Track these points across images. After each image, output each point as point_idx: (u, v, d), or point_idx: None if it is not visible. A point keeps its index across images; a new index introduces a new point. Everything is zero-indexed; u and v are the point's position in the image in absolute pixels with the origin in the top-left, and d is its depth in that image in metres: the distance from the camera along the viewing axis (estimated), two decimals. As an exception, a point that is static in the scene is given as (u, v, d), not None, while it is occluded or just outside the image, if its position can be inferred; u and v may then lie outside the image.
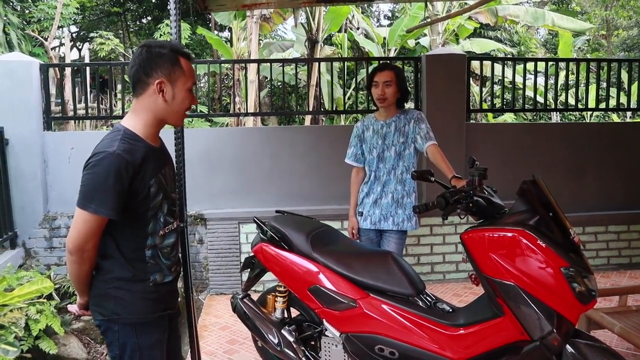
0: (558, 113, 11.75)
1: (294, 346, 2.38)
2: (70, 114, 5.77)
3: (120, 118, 1.74)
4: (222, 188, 4.59)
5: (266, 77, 10.33)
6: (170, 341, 1.85)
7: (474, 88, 10.89)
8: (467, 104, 4.75)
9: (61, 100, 5.85)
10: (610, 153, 4.96)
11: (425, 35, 12.48)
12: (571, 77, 5.11)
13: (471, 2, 8.37)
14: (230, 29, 11.29)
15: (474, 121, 7.65)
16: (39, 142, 4.37)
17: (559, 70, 5.88)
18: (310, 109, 8.74)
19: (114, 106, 5.83)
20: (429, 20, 10.18)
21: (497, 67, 6.09)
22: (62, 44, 12.43)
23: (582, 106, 5.62)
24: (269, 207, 4.26)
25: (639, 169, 4.99)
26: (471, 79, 6.73)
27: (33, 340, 2.85)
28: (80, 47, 14.62)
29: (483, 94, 11.73)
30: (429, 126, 2.97)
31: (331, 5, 8.23)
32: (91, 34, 12.87)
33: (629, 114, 10.44)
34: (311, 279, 2.30)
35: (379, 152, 3.03)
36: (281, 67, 5.24)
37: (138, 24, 15.49)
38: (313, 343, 2.49)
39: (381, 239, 3.09)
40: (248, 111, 8.37)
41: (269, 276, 2.77)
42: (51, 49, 9.09)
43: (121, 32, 14.76)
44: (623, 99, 5.70)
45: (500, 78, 5.18)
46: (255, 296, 2.73)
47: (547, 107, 6.24)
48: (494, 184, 2.17)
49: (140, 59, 1.63)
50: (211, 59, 12.59)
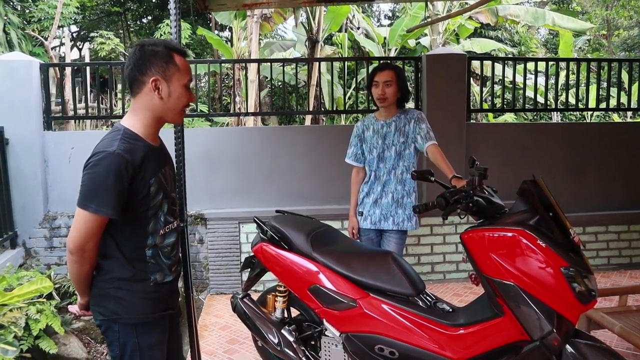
0: (558, 113, 11.75)
1: (294, 346, 2.38)
2: (71, 113, 5.77)
3: (120, 118, 1.74)
4: (222, 188, 4.59)
5: (266, 77, 10.33)
6: (171, 341, 1.85)
7: (475, 88, 10.88)
8: (467, 103, 4.75)
9: (61, 100, 5.85)
10: (610, 153, 4.95)
11: (425, 35, 12.49)
12: (572, 77, 5.10)
13: (472, 2, 8.38)
14: (231, 29, 11.30)
15: (474, 121, 7.65)
16: (39, 141, 4.37)
17: (559, 70, 5.87)
18: (311, 109, 8.71)
19: (114, 106, 5.83)
20: (429, 20, 10.18)
21: (498, 66, 6.09)
22: (62, 44, 12.44)
23: (582, 106, 5.62)
24: (269, 207, 4.26)
25: (639, 169, 4.99)
26: (472, 78, 6.73)
27: (33, 340, 2.85)
28: (81, 46, 14.62)
29: (483, 94, 11.74)
30: (429, 126, 2.97)
31: (331, 4, 8.22)
32: (91, 34, 12.88)
33: (630, 113, 10.44)
34: (311, 278, 2.30)
35: (379, 151, 3.03)
36: (281, 67, 5.25)
37: (138, 23, 15.49)
38: (313, 343, 2.49)
39: (381, 239, 3.09)
40: (248, 111, 8.36)
41: (269, 276, 2.77)
42: (51, 48, 9.09)
43: (121, 31, 14.76)
44: (624, 99, 5.70)
45: (500, 78, 5.18)
46: (255, 296, 2.73)
47: (548, 107, 6.23)
48: (494, 184, 2.17)
49: (134, 58, 1.63)
50: (211, 58, 12.60)
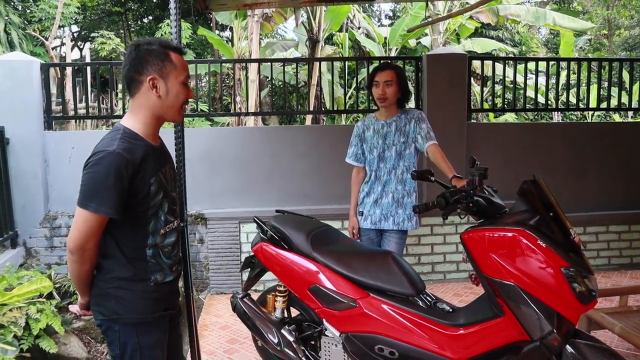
0: (559, 113, 11.74)
1: (294, 346, 2.38)
2: (71, 113, 5.77)
3: (121, 118, 1.74)
4: (222, 187, 4.59)
5: (267, 77, 10.33)
6: (171, 341, 1.85)
7: (475, 88, 10.88)
8: (468, 103, 4.74)
9: (62, 100, 5.84)
10: (611, 153, 4.95)
11: (426, 34, 12.49)
12: (572, 77, 5.09)
13: (472, 2, 8.37)
14: (232, 29, 11.30)
15: (474, 121, 7.65)
16: (39, 141, 4.38)
17: (560, 69, 5.86)
18: (311, 109, 8.73)
19: (115, 106, 5.84)
20: (430, 19, 10.18)
21: (499, 66, 6.07)
22: (63, 44, 12.44)
23: (583, 106, 5.63)
24: (269, 206, 4.26)
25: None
26: (472, 78, 6.72)
27: (33, 339, 2.85)
28: (82, 46, 14.63)
29: (484, 94, 11.73)
30: (429, 126, 2.97)
31: (331, 4, 8.22)
32: (92, 34, 12.90)
33: (630, 113, 10.43)
34: (311, 278, 2.30)
35: (379, 151, 3.02)
36: (282, 67, 5.25)
37: (139, 23, 15.50)
38: (313, 343, 2.49)
39: (381, 239, 3.08)
40: (249, 111, 8.36)
41: (269, 276, 2.77)
42: (52, 48, 9.10)
43: (122, 31, 14.77)
44: (624, 98, 5.69)
45: (501, 78, 5.17)
46: (255, 296, 2.73)
47: (549, 107, 6.24)
48: (495, 184, 2.16)
49: (131, 58, 1.64)
50: (212, 58, 12.60)
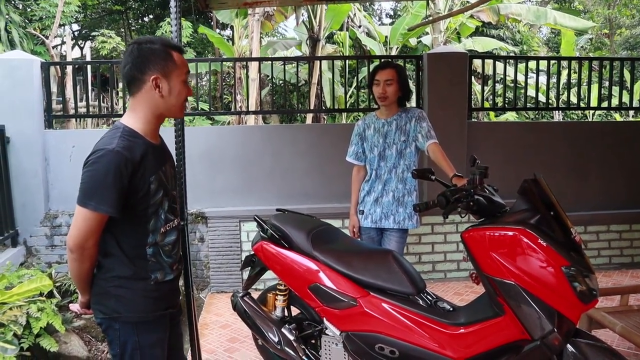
0: (560, 112, 11.72)
1: (294, 345, 2.38)
2: (72, 112, 5.78)
3: (121, 116, 1.74)
4: (223, 186, 4.59)
5: (268, 76, 10.33)
6: (172, 339, 1.85)
7: (476, 87, 10.87)
8: (468, 102, 4.74)
9: (62, 99, 5.86)
10: (612, 152, 4.94)
11: (427, 33, 12.48)
12: (573, 76, 5.08)
13: (473, 1, 8.36)
14: (232, 27, 11.30)
15: (475, 120, 7.64)
16: (40, 140, 4.37)
17: (561, 69, 5.85)
18: (312, 108, 8.74)
19: (115, 104, 5.84)
20: (430, 18, 10.16)
21: (499, 65, 6.07)
22: (63, 42, 12.46)
23: (584, 105, 5.61)
24: (270, 205, 4.26)
25: (640, 168, 4.98)
26: (473, 77, 6.72)
27: (34, 338, 2.84)
28: (82, 45, 14.64)
29: (485, 93, 11.71)
30: (430, 124, 2.97)
31: (332, 3, 8.21)
32: (93, 33, 12.90)
33: (631, 112, 10.41)
34: (311, 277, 2.30)
35: (380, 150, 3.02)
36: (282, 66, 5.24)
37: (140, 22, 15.51)
38: (313, 342, 2.49)
39: (382, 238, 3.08)
40: (249, 109, 8.37)
41: (269, 274, 2.77)
42: (53, 47, 9.10)
43: (123, 30, 14.77)
44: (625, 98, 5.69)
45: (502, 77, 5.16)
46: (255, 294, 2.73)
47: (549, 106, 6.23)
48: (495, 183, 2.16)
49: (132, 57, 1.63)
50: (212, 57, 12.60)
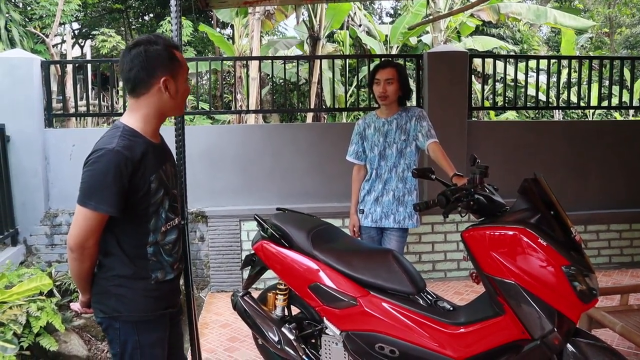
0: (560, 111, 11.71)
1: (294, 344, 2.38)
2: (72, 110, 5.77)
3: (121, 115, 1.74)
4: (223, 185, 4.58)
5: (268, 75, 10.33)
6: (172, 339, 1.85)
7: (476, 86, 10.86)
8: (468, 101, 4.73)
9: (62, 97, 5.85)
10: (612, 151, 4.94)
11: (427, 32, 12.46)
12: (573, 75, 5.08)
13: (473, 0, 8.35)
14: (232, 26, 11.29)
15: (475, 119, 7.62)
16: (40, 139, 4.37)
17: (561, 68, 5.85)
18: (312, 107, 8.73)
19: (116, 103, 5.84)
20: (431, 17, 10.15)
21: (500, 64, 6.07)
22: (63, 41, 12.45)
23: (584, 104, 5.61)
24: (270, 204, 4.26)
25: (641, 167, 4.97)
26: (473, 76, 6.71)
27: (34, 337, 2.85)
28: (82, 44, 14.63)
29: (485, 92, 11.70)
30: (430, 124, 2.97)
31: (332, 2, 8.20)
32: (93, 31, 12.90)
33: (631, 112, 10.40)
34: (312, 276, 2.30)
35: (380, 149, 3.02)
36: (283, 65, 5.24)
37: (140, 21, 15.50)
38: (313, 341, 2.49)
39: (382, 237, 3.08)
40: (250, 108, 8.37)
41: (269, 274, 2.77)
42: (53, 46, 9.09)
43: (123, 29, 14.76)
44: (625, 97, 5.68)
45: (502, 76, 5.16)
46: (255, 294, 2.73)
47: (549, 105, 6.22)
48: (495, 182, 2.16)
49: (139, 59, 1.61)
50: (213, 56, 12.59)
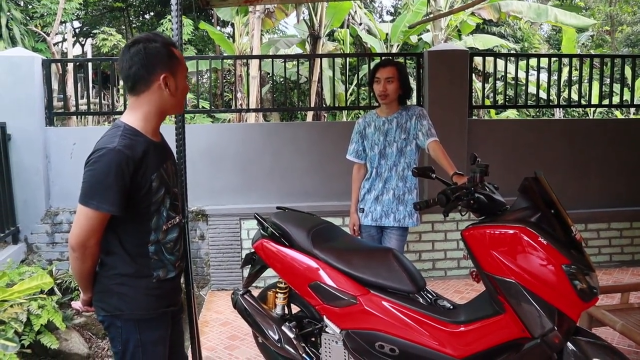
0: (561, 109, 11.70)
1: (294, 342, 2.38)
2: (73, 109, 5.78)
3: (122, 114, 1.74)
4: (223, 184, 4.59)
5: (268, 73, 10.32)
6: (173, 337, 1.85)
7: (477, 84, 10.85)
8: (469, 100, 4.73)
9: (63, 96, 5.86)
10: (613, 150, 4.94)
11: (427, 31, 12.45)
12: (574, 73, 5.08)
13: (474, -2, 8.33)
14: (233, 25, 11.28)
15: (476, 117, 7.63)
16: (41, 137, 4.38)
17: (562, 66, 5.83)
18: (312, 105, 8.72)
19: (116, 102, 5.84)
20: (431, 16, 10.15)
21: (500, 63, 6.06)
22: (64, 40, 12.45)
23: (585, 102, 5.61)
24: (270, 203, 4.27)
25: (641, 166, 4.96)
26: (474, 75, 6.70)
27: (34, 336, 2.85)
28: (83, 42, 14.63)
29: (485, 90, 11.69)
30: (430, 122, 2.96)
31: (332, 0, 8.20)
32: (94, 30, 12.89)
33: (632, 110, 10.39)
34: (312, 275, 2.30)
35: (380, 148, 3.02)
36: (283, 63, 5.24)
37: (141, 19, 15.49)
38: (313, 339, 2.49)
39: (382, 236, 3.08)
40: (250, 107, 8.37)
41: (269, 272, 2.77)
42: (54, 44, 9.08)
43: (124, 27, 14.75)
44: (626, 95, 5.68)
45: (503, 74, 5.15)
46: (256, 292, 2.73)
47: (550, 104, 6.22)
48: (496, 181, 2.16)
49: (139, 57, 1.62)
50: (213, 54, 12.59)
